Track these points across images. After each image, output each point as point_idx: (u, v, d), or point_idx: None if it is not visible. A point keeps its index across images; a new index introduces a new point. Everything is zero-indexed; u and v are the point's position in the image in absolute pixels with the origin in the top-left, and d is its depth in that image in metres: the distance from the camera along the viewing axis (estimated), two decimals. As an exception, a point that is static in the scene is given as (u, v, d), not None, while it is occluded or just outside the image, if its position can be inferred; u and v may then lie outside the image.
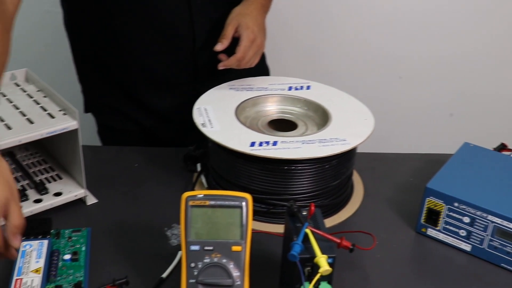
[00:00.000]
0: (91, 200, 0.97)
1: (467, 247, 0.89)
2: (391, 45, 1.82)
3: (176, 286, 0.72)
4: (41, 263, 0.79)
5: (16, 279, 0.76)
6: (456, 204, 0.87)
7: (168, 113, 1.21)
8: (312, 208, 0.74)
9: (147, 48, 1.13)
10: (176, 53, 1.14)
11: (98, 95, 1.23)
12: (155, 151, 1.13)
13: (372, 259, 0.87)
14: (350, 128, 0.96)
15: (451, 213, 0.88)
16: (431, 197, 0.89)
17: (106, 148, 1.22)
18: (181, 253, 0.71)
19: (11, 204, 0.66)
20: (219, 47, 1.06)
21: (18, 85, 1.02)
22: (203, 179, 1.02)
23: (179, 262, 0.82)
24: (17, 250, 0.72)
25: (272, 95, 1.08)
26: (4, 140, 0.81)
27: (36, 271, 0.77)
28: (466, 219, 0.87)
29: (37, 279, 0.76)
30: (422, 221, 0.92)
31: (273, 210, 0.92)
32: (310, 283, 0.68)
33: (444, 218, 0.89)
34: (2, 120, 0.89)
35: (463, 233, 0.88)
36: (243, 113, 1.02)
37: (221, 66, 1.07)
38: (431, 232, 0.92)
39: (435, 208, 0.89)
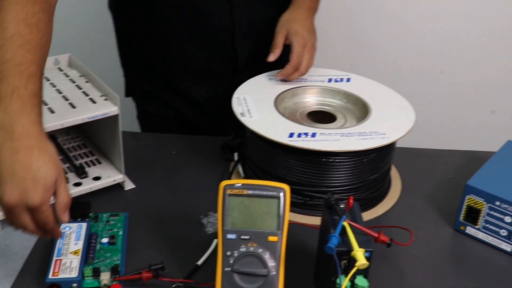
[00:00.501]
0: (129, 185, 0.99)
1: (507, 247, 0.87)
2: (433, 39, 1.79)
3: (211, 274, 0.72)
4: (79, 245, 0.80)
5: (56, 260, 0.77)
6: (497, 203, 0.85)
7: (207, 103, 1.21)
8: (351, 201, 0.74)
9: (187, 39, 1.13)
10: (217, 44, 1.14)
11: (139, 81, 1.24)
12: (193, 139, 1.14)
13: (408, 255, 0.86)
14: (390, 122, 0.95)
15: (491, 212, 0.86)
16: (472, 195, 0.87)
17: (145, 135, 1.23)
18: (217, 241, 0.71)
19: (59, 182, 0.69)
20: (271, 58, 1.06)
21: (61, 70, 1.04)
22: (240, 168, 1.03)
23: (214, 250, 0.83)
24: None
25: (311, 87, 1.07)
26: (47, 123, 0.83)
27: (75, 252, 0.79)
28: (508, 219, 0.85)
29: (76, 260, 0.78)
30: (461, 219, 0.90)
31: (309, 202, 0.92)
32: (346, 276, 0.67)
33: (484, 217, 0.87)
34: (46, 104, 0.91)
35: (504, 232, 0.86)
36: (282, 103, 1.02)
37: (278, 76, 1.06)
38: (470, 230, 0.90)
39: (475, 206, 0.88)
